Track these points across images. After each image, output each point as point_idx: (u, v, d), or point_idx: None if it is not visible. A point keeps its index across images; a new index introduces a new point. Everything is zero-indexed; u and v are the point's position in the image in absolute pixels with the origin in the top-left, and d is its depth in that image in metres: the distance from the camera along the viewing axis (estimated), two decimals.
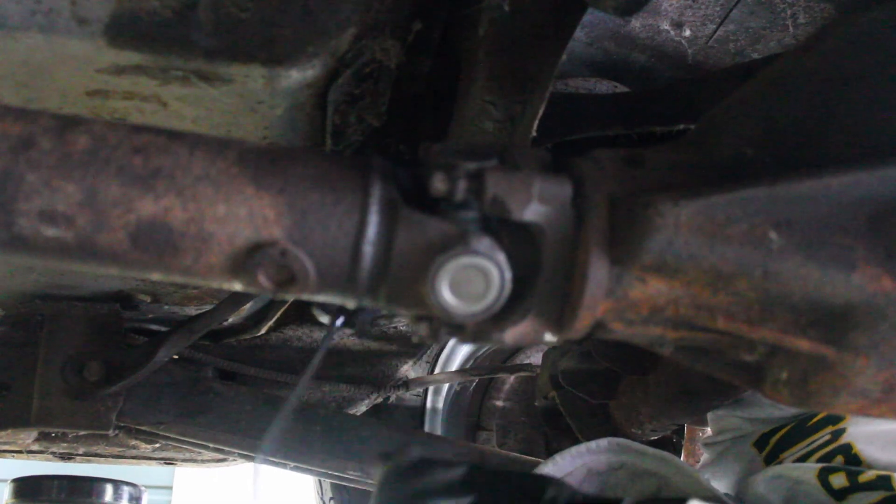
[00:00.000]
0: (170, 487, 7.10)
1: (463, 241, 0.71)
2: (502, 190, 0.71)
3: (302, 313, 1.88)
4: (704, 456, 1.59)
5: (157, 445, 1.77)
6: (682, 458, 1.62)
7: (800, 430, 1.40)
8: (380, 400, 1.99)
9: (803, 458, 1.32)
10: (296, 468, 1.71)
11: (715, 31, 1.29)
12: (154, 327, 1.80)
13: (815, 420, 1.38)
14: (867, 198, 0.68)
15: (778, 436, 1.42)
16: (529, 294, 0.72)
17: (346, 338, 1.94)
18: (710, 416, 1.50)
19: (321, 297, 0.76)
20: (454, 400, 2.24)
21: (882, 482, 1.16)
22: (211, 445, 1.64)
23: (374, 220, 0.72)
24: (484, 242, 0.71)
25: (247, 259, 0.71)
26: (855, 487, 1.18)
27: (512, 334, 0.73)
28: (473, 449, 1.83)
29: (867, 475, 1.19)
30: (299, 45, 0.87)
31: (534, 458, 1.73)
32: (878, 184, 0.67)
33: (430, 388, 2.16)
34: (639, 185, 0.74)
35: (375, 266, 0.72)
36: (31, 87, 0.94)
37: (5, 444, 1.74)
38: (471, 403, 2.27)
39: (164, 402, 1.59)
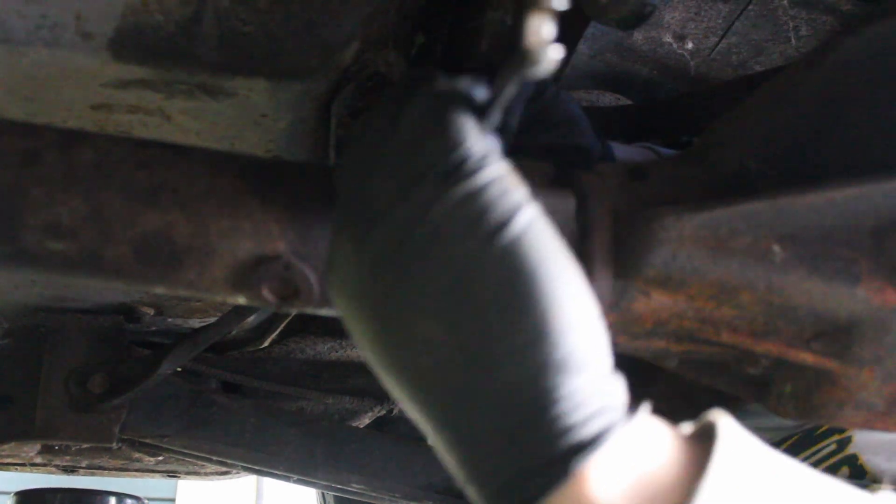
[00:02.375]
0: (173, 500, 7.08)
1: None
2: None
3: (305, 325, 1.88)
4: None
5: (161, 458, 1.76)
6: None
7: (807, 439, 1.40)
8: (383, 412, 1.98)
9: None
10: (299, 481, 1.71)
11: (717, 44, 1.30)
12: (157, 340, 1.80)
13: (822, 430, 1.38)
14: (870, 211, 0.68)
15: (785, 445, 1.41)
16: None
17: (350, 349, 1.94)
18: None
19: (324, 312, 0.76)
20: None
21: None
22: (214, 458, 1.64)
23: None
24: None
25: (251, 273, 0.71)
26: None
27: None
28: None
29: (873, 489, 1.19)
30: (303, 58, 0.87)
31: None
32: (881, 197, 0.68)
33: None
34: (642, 198, 0.74)
35: None
36: (35, 101, 0.94)
37: (8, 456, 1.74)
38: None
39: (168, 414, 1.58)
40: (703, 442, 0.54)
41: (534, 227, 0.54)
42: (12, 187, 0.68)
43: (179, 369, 1.66)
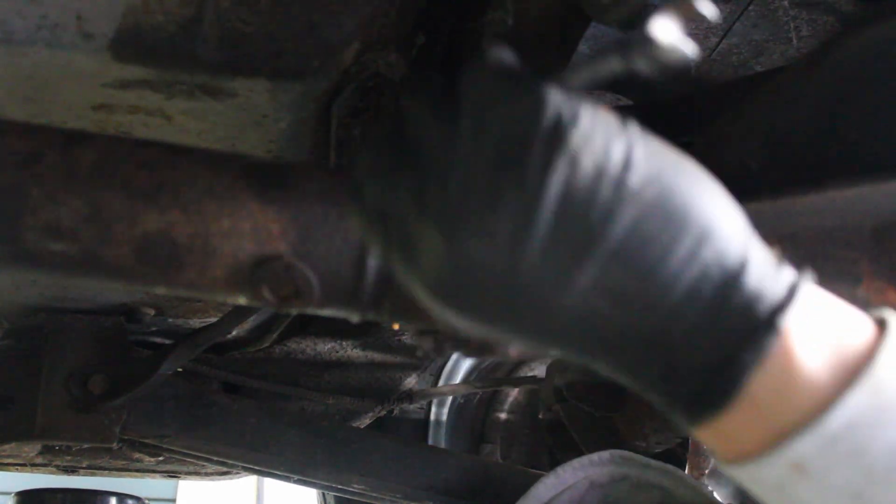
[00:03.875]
0: (173, 500, 7.09)
1: None
2: None
3: (306, 326, 1.88)
4: (712, 460, 1.58)
5: (161, 458, 1.76)
6: (685, 471, 1.62)
7: None
8: (384, 413, 1.98)
9: None
10: (300, 481, 1.71)
11: (718, 44, 1.30)
12: (158, 340, 1.80)
13: None
14: (871, 211, 0.68)
15: None
16: None
17: (351, 350, 1.94)
18: None
19: (325, 311, 0.76)
20: (458, 412, 2.24)
21: None
22: (215, 458, 1.64)
23: None
24: None
25: (251, 273, 0.71)
26: None
27: (516, 348, 0.73)
28: (477, 461, 1.82)
29: None
30: (304, 59, 0.87)
31: (538, 471, 1.73)
32: (882, 198, 0.68)
33: (434, 401, 2.16)
34: None
35: (379, 280, 0.72)
36: (36, 101, 0.94)
37: (9, 457, 1.74)
38: (475, 416, 2.26)
39: (168, 415, 1.58)
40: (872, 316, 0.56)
41: (648, 148, 0.54)
42: (12, 187, 0.68)
43: (180, 370, 1.66)
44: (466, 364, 2.19)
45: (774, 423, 0.52)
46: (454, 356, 2.13)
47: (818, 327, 0.53)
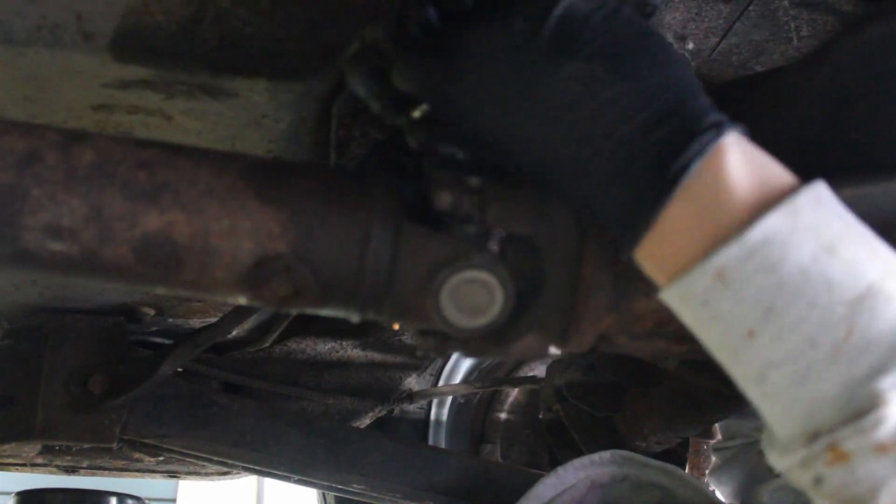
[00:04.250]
0: (173, 500, 7.09)
1: (466, 255, 0.71)
2: (506, 205, 0.71)
3: (306, 326, 1.88)
4: (713, 460, 1.58)
5: (161, 458, 1.76)
6: (686, 470, 1.62)
7: None
8: (384, 413, 1.98)
9: None
10: (300, 481, 1.71)
11: (718, 44, 1.29)
12: (158, 340, 1.80)
13: None
14: (872, 212, 0.68)
15: None
16: (533, 308, 0.73)
17: (351, 350, 1.94)
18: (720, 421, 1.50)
19: (325, 311, 0.76)
20: (458, 412, 2.24)
21: None
22: (215, 458, 1.63)
23: (377, 235, 0.72)
24: (488, 256, 0.71)
25: (251, 273, 0.71)
26: None
27: (516, 348, 0.73)
28: (478, 461, 1.82)
29: None
30: (303, 59, 0.87)
31: (538, 471, 1.73)
32: (883, 198, 0.68)
33: (434, 401, 2.16)
34: None
35: (379, 281, 0.72)
36: (36, 101, 0.94)
37: (9, 457, 1.74)
38: (475, 416, 2.26)
39: (168, 414, 1.58)
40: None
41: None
42: (12, 187, 0.68)
43: (180, 370, 1.66)
44: (466, 364, 2.19)
45: (706, 229, 0.60)
46: (454, 356, 2.13)
47: (752, 157, 0.61)
